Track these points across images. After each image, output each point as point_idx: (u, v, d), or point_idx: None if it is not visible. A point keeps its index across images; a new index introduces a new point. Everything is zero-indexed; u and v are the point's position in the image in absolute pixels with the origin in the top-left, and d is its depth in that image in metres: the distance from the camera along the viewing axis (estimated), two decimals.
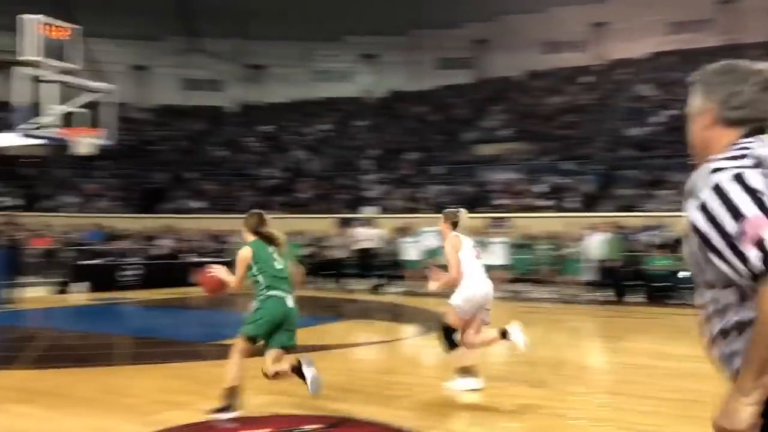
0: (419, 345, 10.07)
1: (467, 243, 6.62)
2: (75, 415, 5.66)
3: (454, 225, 6.70)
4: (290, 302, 5.54)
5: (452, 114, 33.59)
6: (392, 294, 17.77)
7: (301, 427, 5.25)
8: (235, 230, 24.89)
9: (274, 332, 5.47)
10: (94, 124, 14.11)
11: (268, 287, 5.48)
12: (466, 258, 6.52)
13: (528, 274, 17.70)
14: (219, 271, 5.72)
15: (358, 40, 39.16)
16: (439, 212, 7.03)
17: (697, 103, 2.05)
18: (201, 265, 18.28)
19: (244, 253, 5.59)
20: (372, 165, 30.26)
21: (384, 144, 32.08)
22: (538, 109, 31.53)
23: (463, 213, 6.82)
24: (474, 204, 25.25)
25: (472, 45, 38.17)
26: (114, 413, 5.69)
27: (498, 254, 16.84)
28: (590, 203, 23.05)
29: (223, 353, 8.57)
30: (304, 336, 10.27)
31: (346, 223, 23.07)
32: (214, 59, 39.78)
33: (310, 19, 37.44)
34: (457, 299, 6.43)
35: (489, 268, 6.90)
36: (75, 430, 5.22)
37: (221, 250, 22.35)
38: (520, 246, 17.74)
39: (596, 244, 16.16)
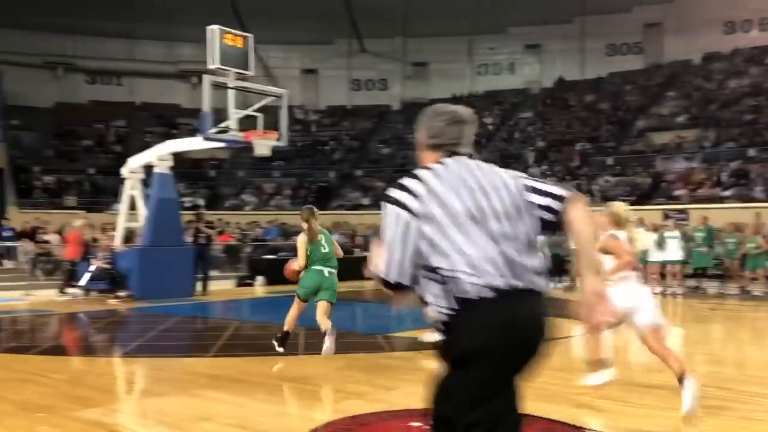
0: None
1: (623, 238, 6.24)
2: (261, 401, 5.98)
3: (617, 221, 6.30)
4: (326, 273, 7.70)
5: (623, 102, 32.23)
6: (557, 289, 17.34)
7: None
8: None
9: (317, 292, 7.68)
10: (270, 126, 14.81)
11: (312, 263, 7.62)
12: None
13: (710, 269, 16.65)
14: (292, 262, 7.73)
15: (521, 30, 38.50)
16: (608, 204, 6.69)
17: (416, 134, 2.92)
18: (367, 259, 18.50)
19: (302, 239, 7.62)
20: (538, 157, 29.70)
21: (550, 135, 31.37)
22: (717, 94, 29.57)
23: (618, 206, 6.48)
24: (649, 196, 24.16)
25: (644, 29, 36.38)
26: (297, 401, 5.95)
27: (673, 249, 15.99)
28: None
29: (396, 345, 8.79)
30: None
31: None
32: (379, 59, 40.63)
33: (472, 13, 37.28)
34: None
35: (665, 264, 6.51)
36: (263, 415, 5.51)
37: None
38: (701, 239, 16.69)
39: None
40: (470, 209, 2.54)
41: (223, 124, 13.63)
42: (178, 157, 16.76)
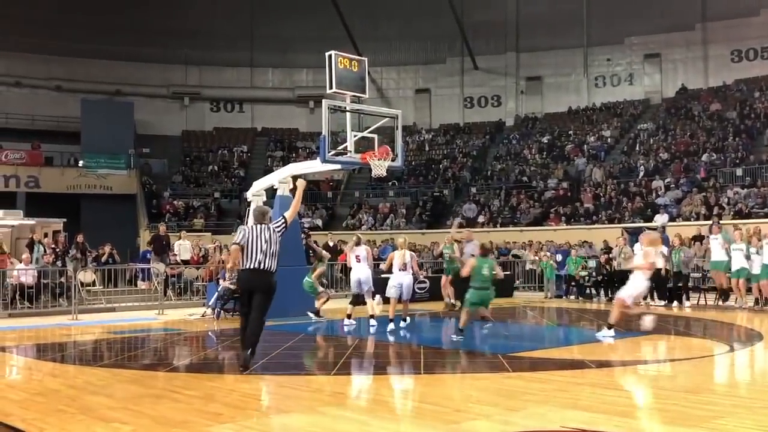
0: (725, 362, 9.24)
1: None
2: (383, 419, 6.03)
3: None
4: None
5: (752, 110, 30.57)
6: (686, 308, 16.57)
7: None
8: (517, 242, 25.07)
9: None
10: (385, 146, 14.99)
11: None
12: None
13: None
14: None
15: (640, 40, 37.32)
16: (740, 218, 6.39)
17: None
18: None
19: None
20: (661, 169, 28.59)
21: (674, 147, 30.14)
22: None
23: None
24: None
25: None
26: (419, 420, 5.96)
27: None
28: None
29: (519, 366, 8.65)
30: (596, 351, 9.94)
31: (633, 233, 21.99)
32: (491, 75, 40.42)
33: (586, 25, 36.52)
34: None
35: None
36: None
37: (504, 263, 22.47)
38: None
39: None
40: None
41: (341, 147, 13.92)
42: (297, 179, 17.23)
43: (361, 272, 13.37)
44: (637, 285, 10.94)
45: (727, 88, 33.93)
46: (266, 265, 8.46)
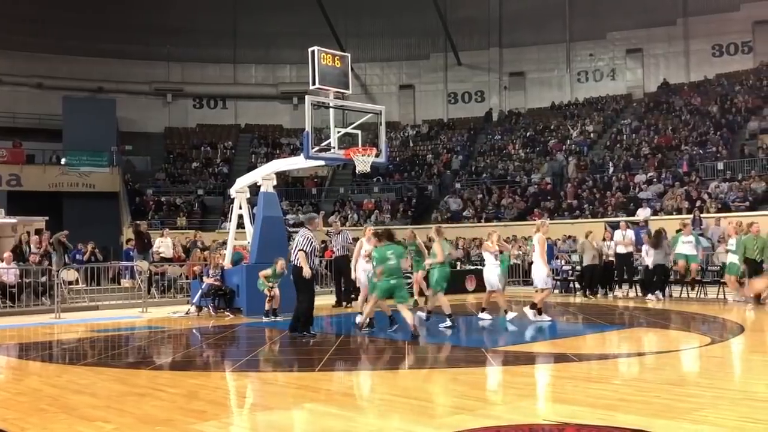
0: (707, 355, 9.33)
1: None
2: (369, 414, 6.03)
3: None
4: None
5: (733, 104, 30.83)
6: (666, 301, 16.70)
7: None
8: (501, 236, 25.16)
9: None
10: (369, 143, 14.97)
11: None
12: None
13: None
14: None
15: (622, 35, 37.55)
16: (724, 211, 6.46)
17: None
18: (472, 272, 18.35)
19: None
20: (644, 164, 28.78)
21: (656, 141, 30.34)
22: None
23: None
24: (765, 201, 22.98)
25: (754, 27, 34.73)
26: (404, 415, 5.96)
27: None
28: None
29: (504, 360, 8.69)
30: (582, 344, 9.99)
31: (614, 226, 22.12)
32: (475, 71, 40.51)
33: (569, 20, 36.69)
34: None
35: None
36: (372, 429, 5.55)
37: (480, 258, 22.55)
38: None
39: None
40: None
41: (324, 143, 13.89)
42: (281, 175, 17.21)
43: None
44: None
45: (708, 82, 34.21)
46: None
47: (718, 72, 34.49)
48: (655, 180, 27.02)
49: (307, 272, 10.72)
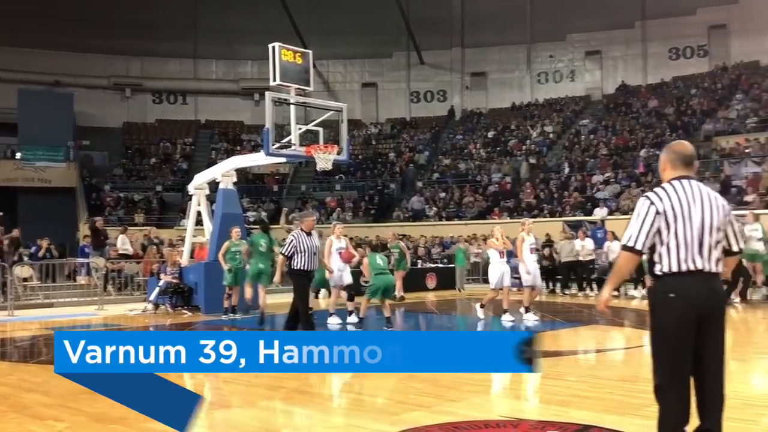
0: None
1: None
2: (326, 412, 6.04)
3: None
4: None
5: (688, 106, 31.46)
6: (635, 299, 17.00)
7: None
8: (462, 236, 25.33)
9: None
10: (331, 140, 14.97)
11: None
12: None
13: None
14: None
15: (581, 37, 38.06)
16: None
17: None
18: (432, 270, 18.39)
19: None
20: (602, 164, 29.20)
21: (614, 142, 30.81)
22: None
23: None
24: None
25: (709, 31, 35.46)
26: (362, 412, 5.99)
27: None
28: None
29: None
30: (539, 342, 10.11)
31: (575, 226, 22.44)
32: (437, 70, 40.69)
33: (530, 21, 37.07)
34: None
35: None
36: (329, 427, 5.57)
37: (449, 256, 22.74)
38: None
39: None
40: None
41: (285, 140, 13.84)
42: (241, 172, 17.09)
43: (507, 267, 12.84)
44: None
45: (665, 84, 34.83)
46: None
47: (675, 75, 35.14)
48: (612, 180, 27.44)
49: (276, 278, 10.63)
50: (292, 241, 10.15)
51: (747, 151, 25.72)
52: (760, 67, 32.54)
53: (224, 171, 15.98)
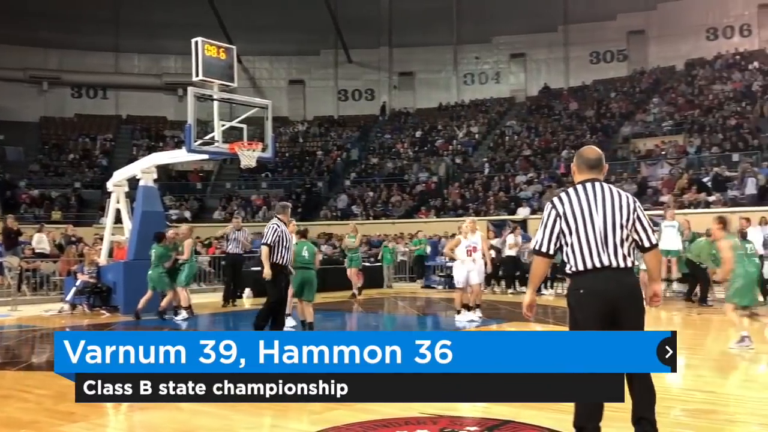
0: None
1: None
2: (245, 412, 5.96)
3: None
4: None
5: (608, 109, 32.44)
6: (551, 296, 17.40)
7: (463, 429, 5.24)
8: (389, 234, 25.46)
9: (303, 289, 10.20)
10: (256, 137, 14.80)
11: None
12: None
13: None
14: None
15: (506, 40, 38.76)
16: None
17: None
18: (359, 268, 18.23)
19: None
20: (525, 165, 29.80)
21: (537, 143, 31.50)
22: (701, 100, 29.82)
23: None
24: None
25: (628, 36, 36.65)
26: (283, 411, 5.93)
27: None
28: (764, 196, 21.49)
29: None
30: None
31: (498, 225, 22.83)
32: (365, 69, 40.75)
33: (456, 23, 37.51)
34: None
35: None
36: (248, 427, 5.50)
37: (375, 254, 22.80)
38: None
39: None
40: None
41: (208, 136, 13.61)
42: (164, 169, 16.72)
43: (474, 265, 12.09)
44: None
45: (585, 88, 35.82)
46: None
47: (596, 78, 36.20)
48: (535, 180, 28.05)
49: (267, 273, 9.42)
50: (276, 229, 9.29)
51: (663, 153, 26.68)
52: (676, 71, 33.84)
53: (145, 168, 15.59)
